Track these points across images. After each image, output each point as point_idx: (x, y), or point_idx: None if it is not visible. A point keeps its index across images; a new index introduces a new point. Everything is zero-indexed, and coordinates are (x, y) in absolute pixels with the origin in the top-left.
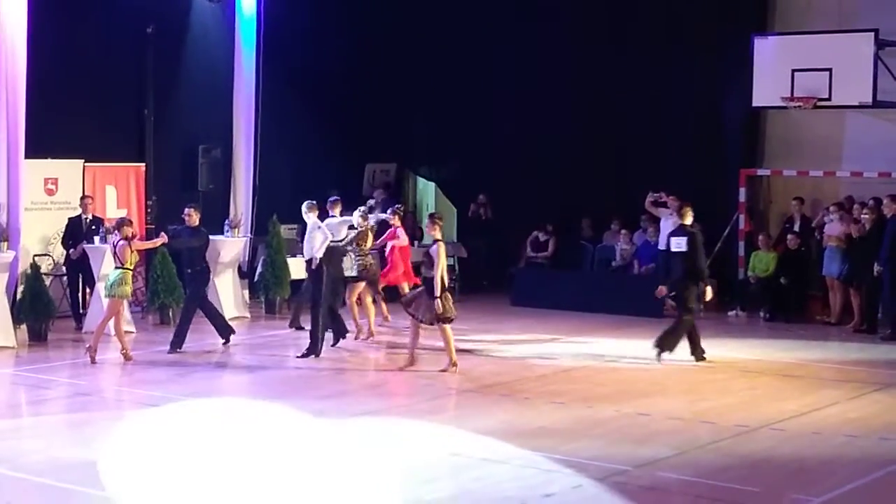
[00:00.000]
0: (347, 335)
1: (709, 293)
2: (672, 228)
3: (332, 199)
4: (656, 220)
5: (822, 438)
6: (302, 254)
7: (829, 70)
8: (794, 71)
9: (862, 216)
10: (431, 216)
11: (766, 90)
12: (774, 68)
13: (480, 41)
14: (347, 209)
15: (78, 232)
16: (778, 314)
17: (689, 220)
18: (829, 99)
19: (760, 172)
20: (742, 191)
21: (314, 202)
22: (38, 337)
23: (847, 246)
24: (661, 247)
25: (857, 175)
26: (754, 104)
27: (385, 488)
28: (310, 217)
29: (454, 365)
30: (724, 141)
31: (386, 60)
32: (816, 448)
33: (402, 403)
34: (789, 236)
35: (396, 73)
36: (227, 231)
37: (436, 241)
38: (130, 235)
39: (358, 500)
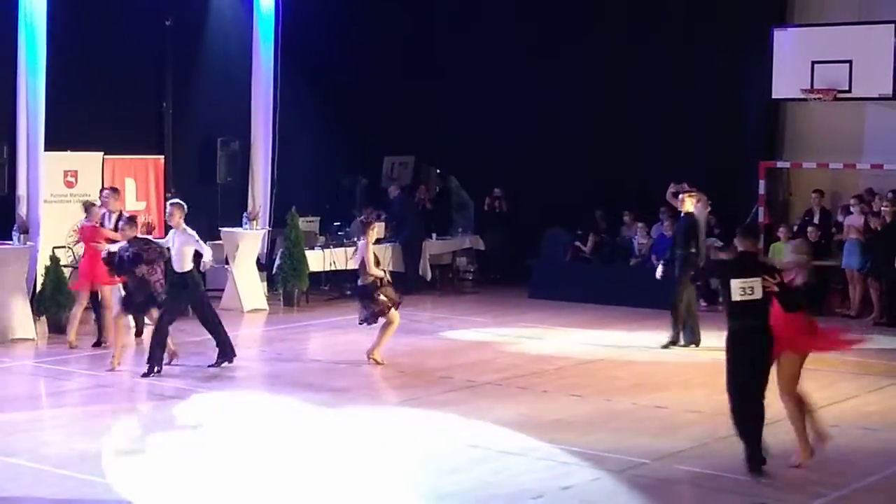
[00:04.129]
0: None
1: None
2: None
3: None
4: (675, 213)
5: (841, 431)
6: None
7: (850, 62)
8: (813, 63)
9: (882, 209)
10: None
11: (786, 82)
12: (794, 60)
13: (497, 34)
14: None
15: None
16: None
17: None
18: (849, 91)
19: (780, 165)
20: (762, 183)
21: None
22: (57, 329)
23: (867, 239)
24: None
25: (877, 167)
26: (774, 96)
27: (403, 480)
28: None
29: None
30: (744, 133)
31: (404, 53)
32: (835, 441)
33: (418, 396)
34: (809, 229)
35: (415, 65)
36: (246, 223)
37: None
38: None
39: (377, 491)
